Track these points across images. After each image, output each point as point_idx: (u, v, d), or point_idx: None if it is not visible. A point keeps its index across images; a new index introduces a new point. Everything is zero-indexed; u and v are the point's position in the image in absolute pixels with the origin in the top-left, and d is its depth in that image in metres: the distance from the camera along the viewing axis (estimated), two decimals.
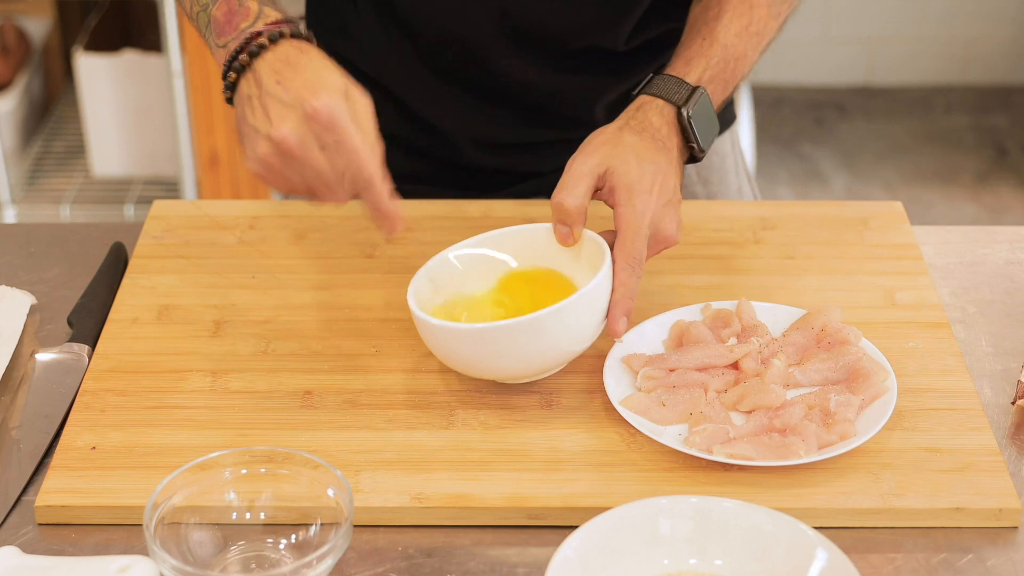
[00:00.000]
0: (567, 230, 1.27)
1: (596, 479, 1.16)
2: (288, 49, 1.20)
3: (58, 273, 1.43)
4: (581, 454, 1.19)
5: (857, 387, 1.22)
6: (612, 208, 1.26)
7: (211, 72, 2.98)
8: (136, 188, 3.17)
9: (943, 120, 3.84)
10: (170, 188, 3.16)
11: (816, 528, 1.08)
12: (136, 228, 1.48)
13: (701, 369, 1.25)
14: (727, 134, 1.67)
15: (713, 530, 1.08)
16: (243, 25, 1.23)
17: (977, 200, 3.54)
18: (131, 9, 3.29)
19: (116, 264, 1.42)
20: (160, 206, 1.50)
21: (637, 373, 1.25)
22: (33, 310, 1.38)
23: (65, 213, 3.10)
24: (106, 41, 3.14)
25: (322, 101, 1.15)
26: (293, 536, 1.11)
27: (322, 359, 1.29)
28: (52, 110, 3.35)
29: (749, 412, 1.22)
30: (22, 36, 3.21)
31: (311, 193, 1.19)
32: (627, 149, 1.27)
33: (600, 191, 1.27)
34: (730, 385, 1.24)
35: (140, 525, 1.11)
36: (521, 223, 1.45)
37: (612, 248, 1.24)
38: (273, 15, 1.23)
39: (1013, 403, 1.25)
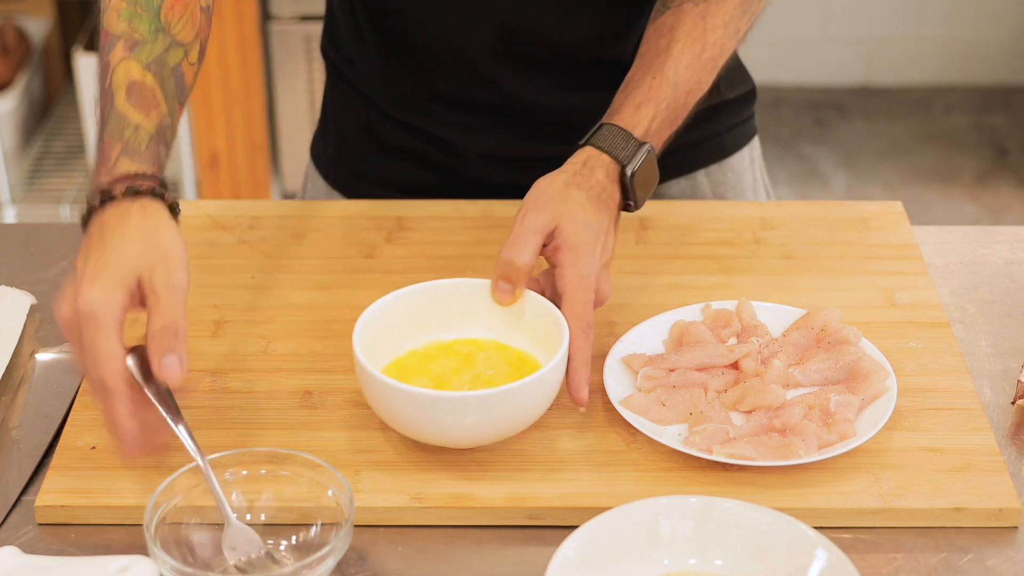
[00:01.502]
0: (510, 288, 1.23)
1: (596, 479, 1.16)
2: (111, 215, 1.16)
3: (58, 273, 1.43)
4: (581, 454, 1.19)
5: (857, 387, 1.22)
6: (554, 266, 1.24)
7: (211, 72, 2.99)
8: None
9: (943, 120, 3.84)
10: (170, 188, 3.15)
11: (816, 528, 1.08)
12: None
13: (701, 369, 1.25)
14: (746, 149, 1.63)
15: (713, 530, 1.08)
16: (100, 174, 1.19)
17: (977, 200, 3.54)
18: None
19: None
20: None
21: (637, 373, 1.25)
22: (33, 310, 1.38)
23: (65, 213, 3.10)
24: None
25: (84, 299, 1.10)
26: (294, 537, 1.11)
27: (322, 359, 1.29)
28: (52, 110, 3.35)
29: (749, 412, 1.22)
30: (22, 36, 3.21)
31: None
32: (575, 207, 1.24)
33: (544, 247, 1.24)
34: (730, 385, 1.24)
35: (140, 525, 1.11)
36: None
37: (561, 309, 1.21)
38: (125, 168, 1.19)
39: (1013, 403, 1.25)
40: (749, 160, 1.64)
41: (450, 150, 1.55)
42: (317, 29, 3.05)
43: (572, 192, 1.26)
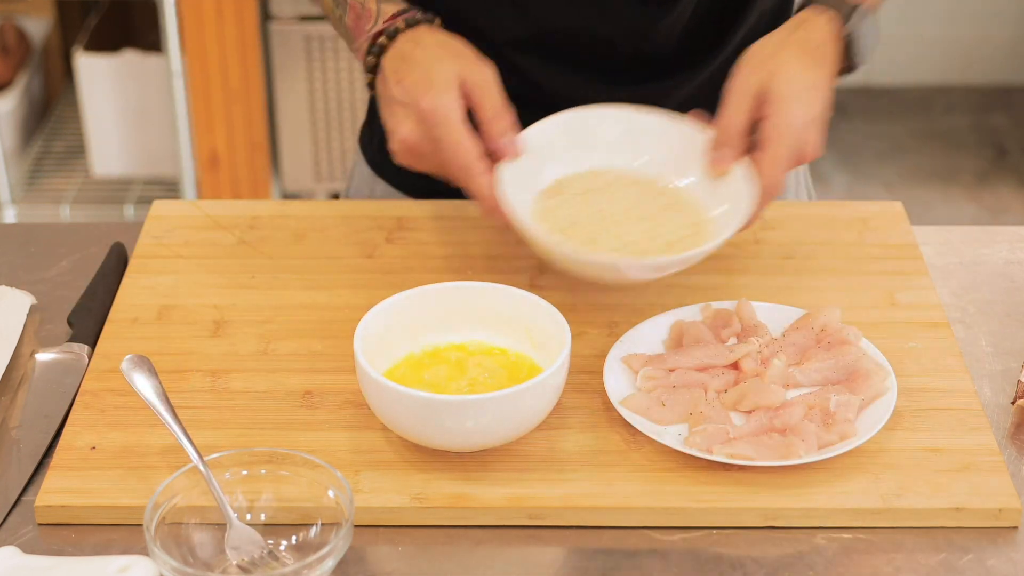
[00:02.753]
0: (728, 154, 1.26)
1: (596, 479, 1.16)
2: (404, 44, 1.29)
3: (58, 273, 1.43)
4: (581, 454, 1.19)
5: (857, 387, 1.22)
6: (760, 121, 1.26)
7: (211, 72, 2.98)
8: (136, 188, 3.17)
9: (943, 120, 3.84)
10: (170, 188, 3.16)
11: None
12: (136, 228, 1.48)
13: (701, 369, 1.25)
14: None
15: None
16: (368, 27, 1.32)
17: (977, 200, 3.54)
18: (131, 9, 3.29)
19: (116, 264, 1.42)
20: (160, 206, 1.50)
21: (637, 373, 1.25)
22: (33, 310, 1.38)
23: (65, 213, 3.10)
24: (106, 41, 3.14)
25: (427, 102, 1.24)
26: (294, 537, 1.11)
27: (322, 359, 1.29)
28: (52, 110, 3.35)
29: (749, 412, 1.22)
30: (22, 36, 3.21)
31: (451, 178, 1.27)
32: (787, 62, 1.26)
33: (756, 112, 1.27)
34: (730, 385, 1.24)
35: (140, 525, 1.11)
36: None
37: (758, 158, 1.24)
38: (390, 10, 1.31)
39: (1013, 403, 1.25)
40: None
41: None
42: (317, 29, 3.06)
43: (785, 50, 1.28)
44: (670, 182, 1.34)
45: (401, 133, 1.26)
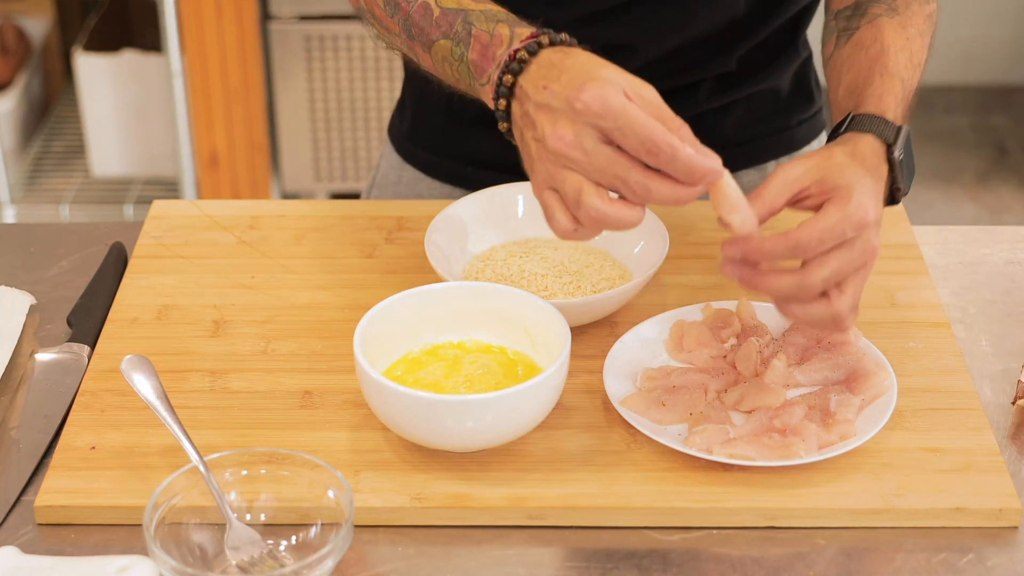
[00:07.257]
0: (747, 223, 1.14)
1: (596, 479, 1.16)
2: (551, 55, 1.14)
3: (58, 273, 1.43)
4: (581, 454, 1.19)
5: (857, 387, 1.22)
6: (814, 206, 1.18)
7: (211, 72, 2.99)
8: (136, 188, 3.17)
9: (943, 120, 3.84)
10: (170, 188, 3.16)
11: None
12: (136, 228, 1.48)
13: (701, 369, 1.25)
14: (816, 143, 1.63)
15: None
16: (499, 52, 1.18)
17: (977, 200, 3.54)
18: (131, 9, 3.29)
19: (116, 264, 1.42)
20: (160, 206, 1.50)
21: (637, 373, 1.25)
22: (33, 310, 1.38)
23: (65, 213, 3.10)
24: (106, 41, 3.14)
25: (588, 92, 1.08)
26: (294, 537, 1.11)
27: (322, 359, 1.29)
28: (52, 110, 3.36)
29: (749, 412, 1.22)
30: (22, 36, 3.21)
31: (627, 191, 1.10)
32: (843, 162, 1.18)
33: (808, 199, 1.18)
34: (730, 385, 1.24)
35: (140, 525, 1.11)
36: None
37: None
38: (526, 31, 1.18)
39: (1013, 403, 1.25)
40: None
41: None
42: (317, 29, 3.06)
43: (835, 153, 1.19)
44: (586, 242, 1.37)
45: (556, 132, 1.09)
